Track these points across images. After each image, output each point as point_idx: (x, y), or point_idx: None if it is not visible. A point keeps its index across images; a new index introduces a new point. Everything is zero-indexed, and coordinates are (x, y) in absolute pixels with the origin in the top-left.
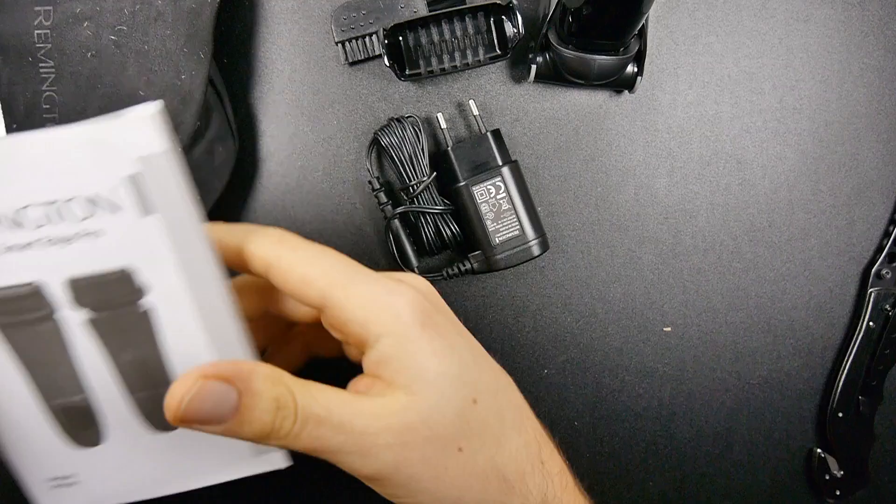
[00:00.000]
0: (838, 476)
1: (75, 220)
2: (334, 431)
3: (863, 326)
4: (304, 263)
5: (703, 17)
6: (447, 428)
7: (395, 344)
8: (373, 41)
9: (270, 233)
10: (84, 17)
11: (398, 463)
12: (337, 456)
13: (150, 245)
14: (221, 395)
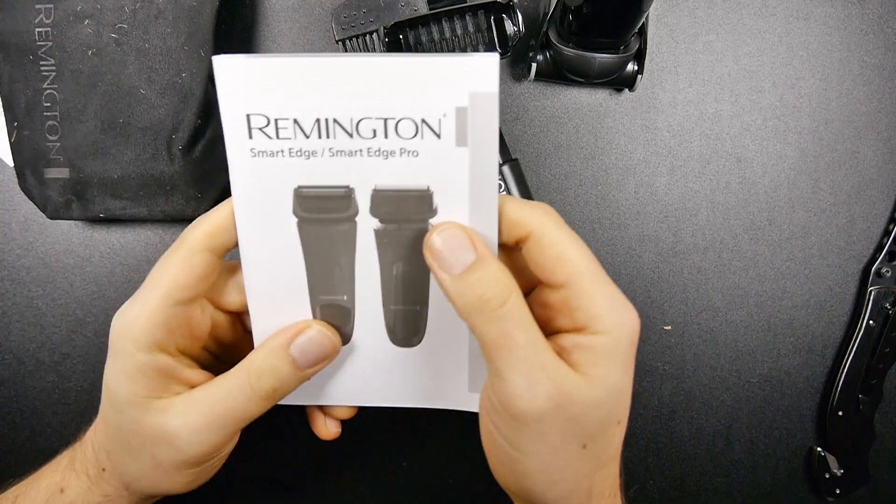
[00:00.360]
0: (838, 474)
1: (400, 139)
2: (525, 344)
3: (863, 325)
4: (564, 243)
5: (703, 16)
6: (591, 426)
7: (606, 343)
8: (373, 39)
9: (538, 205)
10: (85, 16)
11: (544, 414)
12: (508, 368)
13: (454, 173)
14: (464, 247)
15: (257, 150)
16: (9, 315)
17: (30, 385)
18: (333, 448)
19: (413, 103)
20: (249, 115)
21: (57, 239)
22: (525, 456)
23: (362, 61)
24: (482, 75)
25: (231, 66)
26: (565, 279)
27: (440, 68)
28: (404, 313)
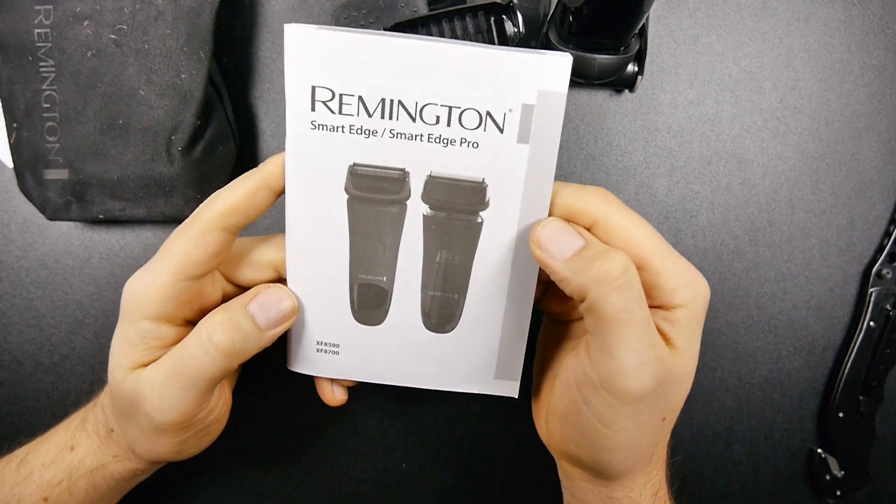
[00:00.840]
0: (839, 476)
1: (462, 128)
2: (642, 320)
3: (863, 326)
4: (630, 227)
5: (703, 17)
6: (676, 399)
7: (687, 316)
8: None
9: (596, 191)
10: (84, 17)
11: (647, 392)
12: (621, 343)
13: (511, 169)
14: (571, 235)
15: (318, 124)
16: (8, 316)
17: (29, 386)
18: (333, 449)
19: (481, 95)
20: (315, 87)
21: (56, 240)
22: (613, 432)
23: (435, 46)
24: (553, 75)
25: (301, 36)
26: (637, 262)
27: (512, 63)
28: (441, 300)
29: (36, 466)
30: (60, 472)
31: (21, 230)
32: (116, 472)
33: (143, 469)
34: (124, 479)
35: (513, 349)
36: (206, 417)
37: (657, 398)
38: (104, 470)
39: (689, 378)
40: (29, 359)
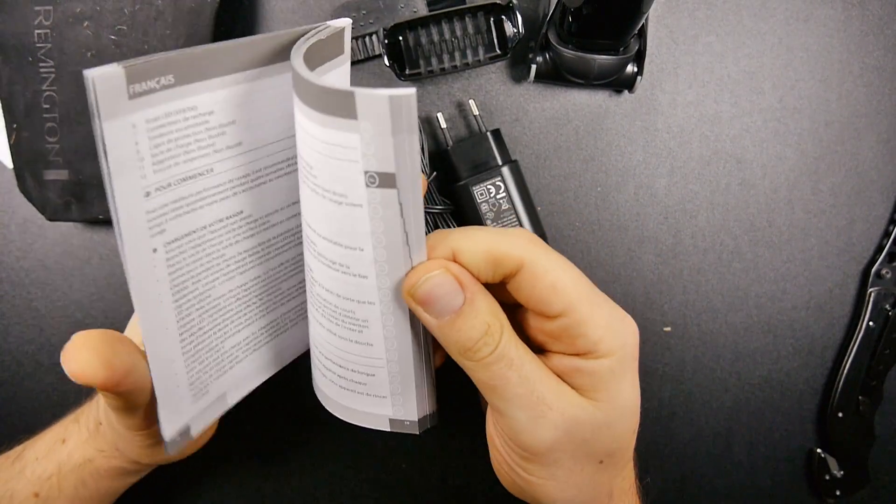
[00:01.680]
0: (838, 476)
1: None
2: (519, 381)
3: (863, 326)
4: (557, 270)
5: (703, 17)
6: (604, 445)
7: (611, 366)
8: (373, 41)
9: (520, 233)
10: (84, 17)
11: (553, 445)
12: (506, 405)
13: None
14: (452, 293)
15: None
16: (7, 317)
17: (29, 387)
18: (333, 449)
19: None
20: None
21: (56, 241)
22: (542, 480)
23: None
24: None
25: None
26: (563, 308)
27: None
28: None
29: (29, 461)
30: (51, 466)
31: (21, 231)
32: (103, 469)
33: (130, 468)
34: (111, 476)
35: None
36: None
37: (573, 447)
38: (91, 465)
39: (616, 424)
40: (29, 359)
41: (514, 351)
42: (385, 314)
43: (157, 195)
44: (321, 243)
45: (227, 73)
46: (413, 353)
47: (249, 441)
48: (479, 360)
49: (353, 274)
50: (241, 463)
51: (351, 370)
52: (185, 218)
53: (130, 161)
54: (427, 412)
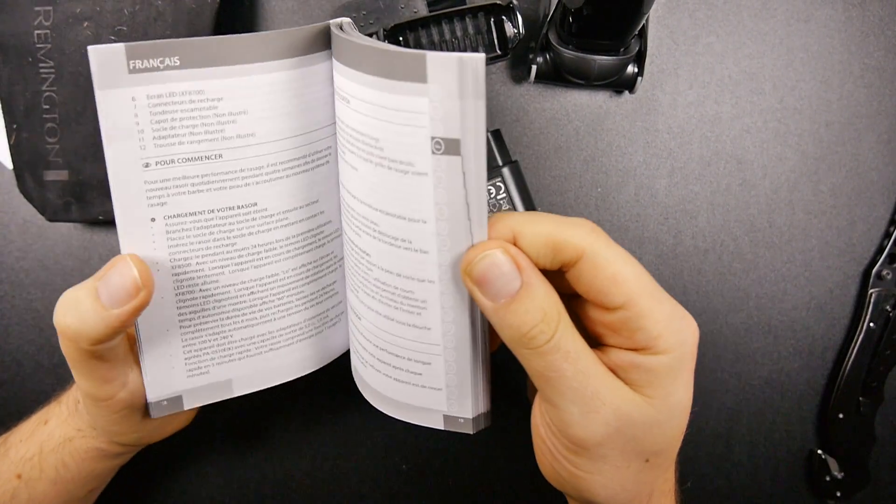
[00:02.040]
0: (839, 477)
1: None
2: (574, 374)
3: (863, 327)
4: (618, 262)
5: (703, 18)
6: (654, 443)
7: (669, 363)
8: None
9: (583, 222)
10: (84, 18)
11: (603, 440)
12: (559, 397)
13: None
14: (509, 275)
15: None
16: (7, 317)
17: (29, 388)
18: (333, 449)
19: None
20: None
21: (56, 241)
22: (587, 474)
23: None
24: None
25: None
26: (623, 301)
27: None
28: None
29: (14, 443)
30: (33, 446)
31: (21, 231)
32: (82, 449)
33: (109, 450)
34: (92, 458)
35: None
36: (130, 398)
37: (623, 443)
38: (70, 445)
39: (668, 423)
40: (28, 360)
41: (570, 342)
42: (444, 294)
43: (157, 168)
44: (384, 220)
45: (237, 63)
46: (470, 340)
47: (249, 441)
48: (535, 349)
49: (414, 249)
50: (241, 462)
51: (407, 359)
52: (190, 197)
53: (127, 130)
54: (482, 410)
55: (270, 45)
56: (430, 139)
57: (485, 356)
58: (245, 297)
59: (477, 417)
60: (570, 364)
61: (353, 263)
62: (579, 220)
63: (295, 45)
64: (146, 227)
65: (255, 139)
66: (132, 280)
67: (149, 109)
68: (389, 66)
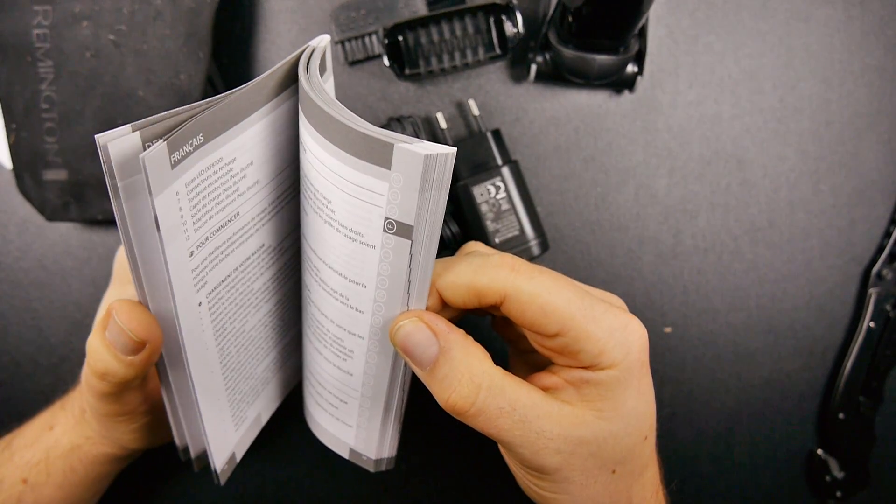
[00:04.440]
0: (839, 477)
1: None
2: (513, 425)
3: (863, 327)
4: (543, 294)
5: (703, 17)
6: (614, 453)
7: (616, 376)
8: (372, 41)
9: (501, 262)
10: (83, 17)
11: (560, 466)
12: (508, 445)
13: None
14: (427, 342)
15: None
16: (6, 317)
17: (28, 388)
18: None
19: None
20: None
21: (55, 241)
22: (555, 494)
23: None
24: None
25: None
26: (557, 329)
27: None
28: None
29: (18, 447)
30: (39, 452)
31: (20, 231)
32: (91, 455)
33: (119, 454)
34: (100, 462)
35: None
36: (147, 410)
37: (581, 462)
38: (79, 451)
39: (624, 432)
40: (28, 360)
41: (499, 398)
42: (370, 351)
43: (198, 252)
44: (325, 271)
45: (242, 119)
46: (386, 394)
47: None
48: (462, 416)
49: (350, 306)
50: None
51: (328, 391)
52: (220, 265)
53: (177, 227)
54: (385, 455)
55: (264, 90)
56: (384, 218)
57: (399, 409)
58: (261, 332)
59: (379, 460)
60: (506, 418)
61: (301, 292)
62: (499, 258)
63: (281, 83)
64: (195, 313)
65: (259, 185)
66: (129, 340)
67: (188, 198)
68: (359, 146)
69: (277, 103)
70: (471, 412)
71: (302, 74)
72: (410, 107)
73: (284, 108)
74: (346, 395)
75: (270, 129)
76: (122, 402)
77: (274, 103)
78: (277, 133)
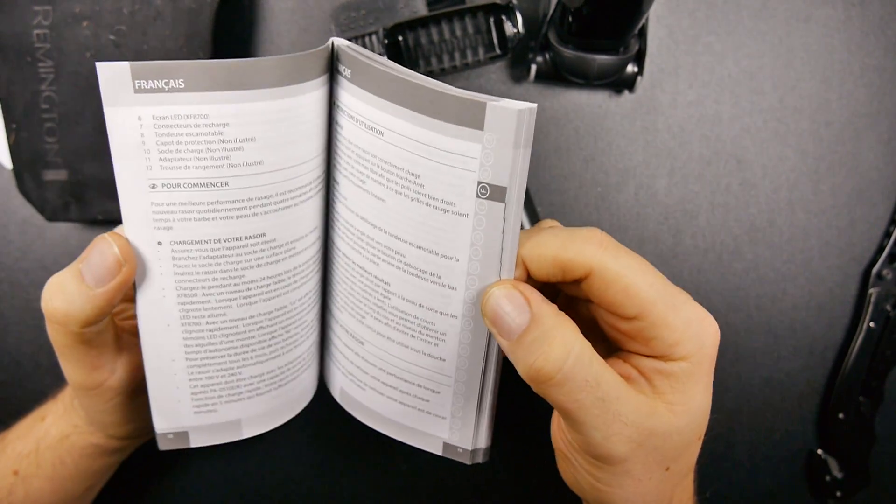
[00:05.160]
0: (839, 477)
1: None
2: (593, 403)
3: (863, 327)
4: (629, 274)
5: (703, 17)
6: (674, 450)
7: (688, 369)
8: (373, 41)
9: (589, 236)
10: (83, 17)
11: (627, 456)
12: (580, 425)
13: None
14: (518, 310)
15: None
16: (7, 317)
17: (28, 388)
18: (333, 449)
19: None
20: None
21: (55, 241)
22: (609, 488)
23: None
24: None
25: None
26: (637, 312)
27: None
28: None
29: (11, 439)
30: (30, 443)
31: (20, 231)
32: (79, 446)
33: (107, 446)
34: (89, 454)
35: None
36: (119, 386)
37: (645, 455)
38: (67, 442)
39: (687, 428)
40: (28, 360)
41: (586, 370)
42: (464, 330)
43: (164, 191)
44: (413, 253)
45: (244, 88)
46: (481, 375)
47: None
48: (545, 383)
49: (442, 284)
50: (240, 462)
51: (417, 385)
52: (196, 224)
53: (135, 149)
54: (481, 445)
55: (278, 70)
56: (477, 183)
57: (493, 394)
58: (254, 332)
59: (475, 450)
60: (588, 393)
61: (362, 290)
62: (587, 232)
63: (302, 70)
64: (153, 250)
65: (262, 167)
66: (113, 256)
67: (154, 130)
68: (443, 108)
69: (299, 90)
70: (557, 378)
71: (367, 60)
72: None
73: (302, 101)
74: (439, 384)
75: (288, 115)
76: (88, 364)
77: (293, 89)
78: (298, 122)
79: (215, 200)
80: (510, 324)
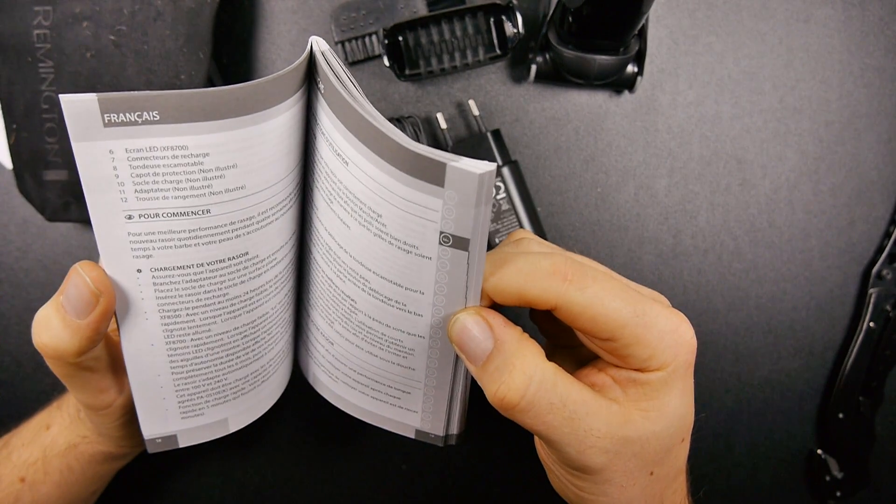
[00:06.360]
0: (839, 477)
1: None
2: (563, 422)
3: (863, 327)
4: (596, 304)
5: (703, 17)
6: (655, 454)
7: (663, 378)
8: (372, 41)
9: (553, 269)
10: (83, 17)
11: (605, 466)
12: (554, 443)
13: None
14: (481, 336)
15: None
16: (7, 317)
17: (28, 388)
18: (332, 450)
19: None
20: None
21: (55, 241)
22: (594, 496)
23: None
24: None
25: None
26: (608, 335)
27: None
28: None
29: (16, 447)
30: (36, 451)
31: (20, 231)
32: (87, 454)
33: (116, 452)
34: (97, 461)
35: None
36: (128, 403)
37: (624, 463)
38: (76, 450)
39: (666, 433)
40: (28, 360)
41: (550, 394)
42: (433, 347)
43: (141, 221)
44: (376, 280)
45: (222, 118)
46: (451, 381)
47: (249, 441)
48: (510, 410)
49: (408, 311)
50: (241, 462)
51: (387, 385)
52: (177, 251)
53: (107, 182)
54: (454, 432)
55: (258, 95)
56: (440, 233)
57: (464, 389)
58: (238, 340)
59: (448, 436)
60: (556, 415)
61: (331, 299)
62: (550, 265)
63: (282, 90)
64: (132, 277)
65: (244, 191)
66: (87, 289)
67: (128, 163)
68: (413, 165)
69: (275, 112)
70: (520, 406)
71: (337, 85)
72: (411, 107)
73: (282, 120)
74: (410, 387)
75: (265, 138)
76: (93, 388)
77: (270, 112)
78: (274, 143)
79: (196, 228)
80: (475, 349)
